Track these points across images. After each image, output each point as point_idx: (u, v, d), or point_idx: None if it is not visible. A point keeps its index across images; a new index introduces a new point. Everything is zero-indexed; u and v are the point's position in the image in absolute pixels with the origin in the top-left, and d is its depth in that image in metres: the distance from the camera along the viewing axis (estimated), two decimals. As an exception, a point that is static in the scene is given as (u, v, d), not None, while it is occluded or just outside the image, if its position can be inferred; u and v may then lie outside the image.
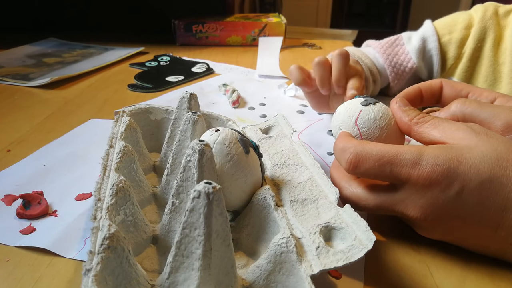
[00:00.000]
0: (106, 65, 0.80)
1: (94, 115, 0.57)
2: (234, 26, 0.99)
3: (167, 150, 0.39)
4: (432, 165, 0.28)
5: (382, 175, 0.30)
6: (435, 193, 0.28)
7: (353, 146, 0.31)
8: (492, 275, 0.30)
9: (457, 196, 0.28)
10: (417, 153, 0.29)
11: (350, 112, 0.36)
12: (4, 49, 0.87)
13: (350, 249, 0.26)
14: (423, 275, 0.30)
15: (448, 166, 0.28)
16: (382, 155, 0.29)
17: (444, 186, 0.28)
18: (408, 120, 0.33)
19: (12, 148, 0.47)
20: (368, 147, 0.30)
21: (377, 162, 0.29)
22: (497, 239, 0.29)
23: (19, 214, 0.34)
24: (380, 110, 0.35)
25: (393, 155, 0.29)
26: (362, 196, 0.32)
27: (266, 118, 0.57)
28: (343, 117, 0.36)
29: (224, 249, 0.24)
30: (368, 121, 0.35)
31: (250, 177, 0.31)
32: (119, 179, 0.29)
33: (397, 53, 0.64)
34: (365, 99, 0.37)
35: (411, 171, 0.28)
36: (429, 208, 0.29)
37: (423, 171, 0.28)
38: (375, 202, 0.31)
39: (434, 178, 0.28)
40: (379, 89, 0.65)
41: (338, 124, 0.37)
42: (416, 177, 0.28)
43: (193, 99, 0.40)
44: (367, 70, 0.61)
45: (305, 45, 1.03)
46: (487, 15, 0.60)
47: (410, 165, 0.28)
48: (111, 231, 0.23)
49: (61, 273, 0.29)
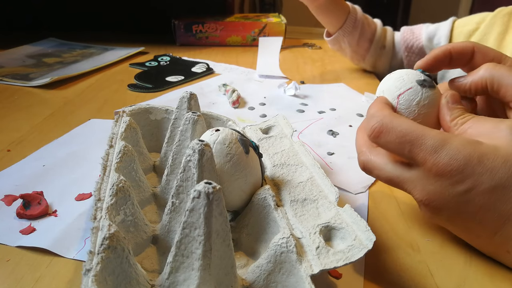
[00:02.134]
0: (106, 65, 0.80)
1: (94, 115, 0.57)
2: (234, 26, 0.99)
3: (167, 150, 0.39)
4: (450, 158, 0.28)
5: (400, 152, 0.30)
6: (444, 185, 0.28)
7: (382, 115, 0.31)
8: (492, 275, 0.30)
9: (465, 193, 0.28)
10: (441, 141, 0.28)
11: (400, 83, 0.34)
12: (4, 49, 0.87)
13: (350, 249, 0.26)
14: (423, 275, 0.30)
15: (466, 163, 0.27)
16: (406, 133, 0.29)
17: (455, 181, 0.28)
18: (449, 121, 0.32)
19: (12, 148, 0.47)
20: (396, 122, 0.30)
21: (399, 139, 0.29)
22: (494, 243, 0.29)
23: (19, 214, 0.34)
24: (428, 97, 0.33)
25: (417, 136, 0.29)
26: (377, 165, 0.32)
27: (266, 118, 0.57)
28: (392, 85, 0.34)
29: (224, 249, 0.24)
30: (410, 101, 0.33)
31: (250, 177, 0.31)
32: (119, 179, 0.29)
33: (413, 31, 0.74)
34: (424, 78, 0.34)
35: (428, 157, 0.28)
36: (435, 196, 0.29)
37: (439, 160, 0.28)
38: (387, 174, 0.32)
39: (448, 171, 0.28)
40: (389, 58, 0.77)
41: (383, 88, 0.35)
42: (431, 164, 0.28)
43: (193, 99, 0.40)
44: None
45: (305, 45, 1.03)
46: (502, 13, 0.62)
47: (430, 151, 0.28)
48: (111, 231, 0.23)
49: (61, 273, 0.29)
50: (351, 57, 0.78)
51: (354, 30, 0.73)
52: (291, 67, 0.82)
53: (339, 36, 0.73)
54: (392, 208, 0.38)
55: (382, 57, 0.77)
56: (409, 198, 0.39)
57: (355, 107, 0.62)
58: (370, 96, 0.66)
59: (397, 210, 0.38)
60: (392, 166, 0.32)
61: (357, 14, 0.73)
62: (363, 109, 0.61)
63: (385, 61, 0.78)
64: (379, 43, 0.76)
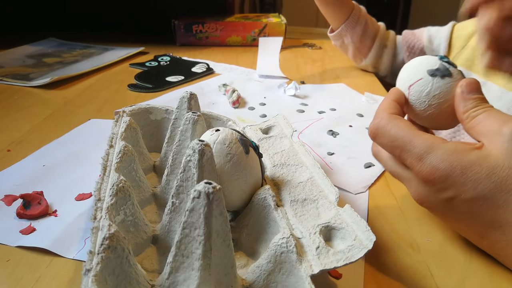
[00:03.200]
0: (106, 65, 0.80)
1: (94, 115, 0.57)
2: (234, 26, 0.99)
3: (167, 150, 0.39)
4: (432, 167, 0.28)
5: (393, 154, 0.32)
6: (431, 190, 0.29)
7: (380, 118, 0.32)
8: (492, 275, 0.30)
9: (449, 201, 0.29)
10: (426, 149, 0.29)
11: (413, 71, 0.33)
12: (4, 49, 0.87)
13: (350, 249, 0.26)
14: (423, 275, 0.30)
15: (447, 174, 0.28)
16: (396, 138, 0.30)
17: (439, 188, 0.29)
18: (462, 113, 0.31)
19: (12, 148, 0.47)
20: (389, 126, 0.31)
21: (390, 143, 0.31)
22: (483, 244, 0.30)
23: (19, 214, 0.34)
24: (440, 87, 0.31)
25: (405, 143, 0.30)
26: (383, 158, 0.34)
27: (266, 118, 0.57)
28: (404, 74, 0.33)
29: (224, 249, 0.24)
30: (420, 93, 0.32)
31: (250, 177, 0.31)
32: (119, 179, 0.29)
33: (414, 33, 0.76)
34: (438, 67, 0.32)
35: (414, 164, 0.29)
36: (425, 198, 0.30)
37: (423, 169, 0.29)
38: (389, 168, 0.33)
39: (431, 179, 0.28)
40: (390, 57, 0.78)
41: (399, 77, 0.34)
42: (416, 171, 0.29)
43: (193, 99, 0.40)
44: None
45: (305, 45, 1.03)
46: None
47: (415, 158, 0.29)
48: (111, 231, 0.23)
49: (61, 273, 0.29)
50: (353, 55, 0.79)
51: (358, 26, 0.73)
52: (291, 67, 0.82)
53: (342, 31, 0.74)
54: (392, 208, 0.38)
55: (383, 56, 0.78)
56: (409, 198, 0.39)
57: (355, 107, 0.62)
58: (370, 96, 0.66)
59: (397, 210, 0.38)
60: (394, 163, 0.33)
61: (361, 11, 0.74)
62: (363, 109, 0.61)
63: (387, 60, 0.78)
64: (382, 42, 0.77)
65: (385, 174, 0.44)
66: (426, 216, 0.37)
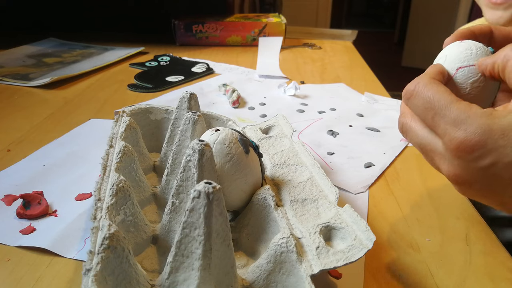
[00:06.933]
0: (106, 65, 0.80)
1: (94, 115, 0.57)
2: (234, 26, 0.99)
3: (167, 150, 0.39)
4: (469, 133, 0.26)
5: (424, 118, 0.29)
6: (467, 159, 0.27)
7: (420, 79, 0.30)
8: (492, 275, 0.30)
9: (489, 168, 0.26)
10: (463, 115, 0.27)
11: (467, 56, 0.32)
12: (4, 49, 0.87)
13: (350, 249, 0.26)
14: (423, 275, 0.30)
15: (486, 138, 0.26)
16: (432, 100, 0.28)
17: (476, 157, 0.26)
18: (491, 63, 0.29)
19: (12, 148, 0.47)
20: (428, 88, 0.29)
21: (425, 104, 0.29)
22: None
23: (19, 214, 0.34)
24: (484, 81, 0.31)
25: (441, 107, 0.28)
26: (412, 128, 0.31)
27: (266, 118, 0.57)
28: (457, 53, 0.32)
29: (224, 249, 0.24)
30: (467, 78, 0.31)
31: (250, 177, 0.31)
32: (119, 179, 0.29)
33: None
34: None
35: (448, 130, 0.27)
36: (461, 172, 0.27)
37: (458, 135, 0.27)
38: (419, 140, 0.30)
39: (468, 146, 0.26)
40: None
41: (447, 53, 0.33)
42: (450, 138, 0.27)
43: (193, 99, 0.40)
44: None
45: (305, 45, 1.02)
46: None
47: (450, 123, 0.27)
48: (111, 231, 0.23)
49: (61, 273, 0.29)
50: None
51: None
52: (291, 67, 0.82)
53: None
54: (392, 208, 0.38)
55: None
56: (409, 199, 0.39)
57: (355, 107, 0.62)
58: (370, 96, 0.66)
59: (397, 210, 0.38)
60: (427, 132, 0.30)
61: None
62: (363, 109, 0.61)
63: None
64: None
65: (385, 174, 0.44)
66: (426, 216, 0.37)
